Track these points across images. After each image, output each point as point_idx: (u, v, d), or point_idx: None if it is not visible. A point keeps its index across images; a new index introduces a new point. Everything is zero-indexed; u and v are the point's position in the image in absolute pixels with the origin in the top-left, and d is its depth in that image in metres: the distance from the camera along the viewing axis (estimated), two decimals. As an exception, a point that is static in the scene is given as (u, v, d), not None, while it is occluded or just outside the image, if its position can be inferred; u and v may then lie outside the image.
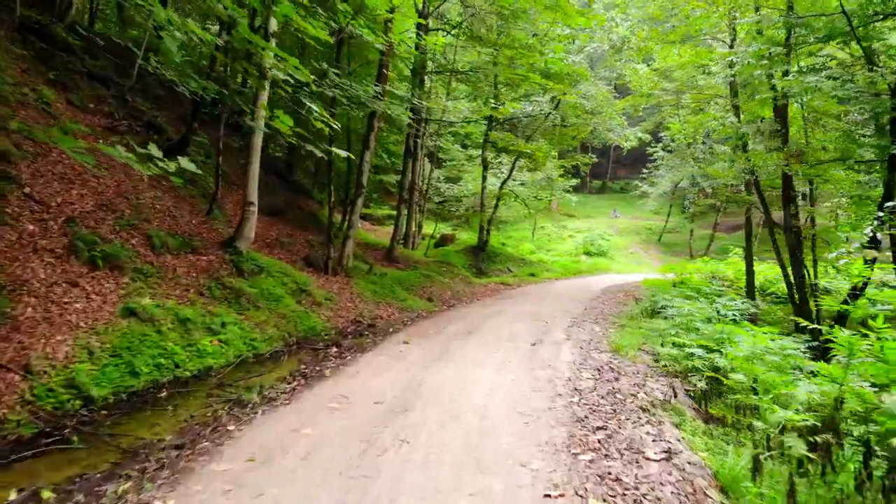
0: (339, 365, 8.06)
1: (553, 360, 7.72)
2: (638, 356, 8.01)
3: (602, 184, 55.00)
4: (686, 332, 7.09)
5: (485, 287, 19.36)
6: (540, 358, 7.95)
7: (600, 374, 6.92)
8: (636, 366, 7.49)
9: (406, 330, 11.09)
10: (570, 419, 5.40)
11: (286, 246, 16.33)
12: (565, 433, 5.05)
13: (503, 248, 27.75)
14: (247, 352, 9.51)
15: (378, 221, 32.28)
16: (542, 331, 10.40)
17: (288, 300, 12.03)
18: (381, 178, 34.48)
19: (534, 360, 7.85)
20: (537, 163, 25.78)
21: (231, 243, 12.25)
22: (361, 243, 21.43)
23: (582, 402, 5.87)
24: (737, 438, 5.33)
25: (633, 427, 5.20)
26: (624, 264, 31.25)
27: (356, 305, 13.85)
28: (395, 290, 15.51)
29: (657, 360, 7.78)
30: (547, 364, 7.51)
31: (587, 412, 5.57)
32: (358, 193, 16.35)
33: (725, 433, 5.50)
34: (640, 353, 8.32)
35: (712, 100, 22.26)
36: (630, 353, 8.11)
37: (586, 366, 7.36)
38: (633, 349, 8.40)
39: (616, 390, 6.27)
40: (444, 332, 10.53)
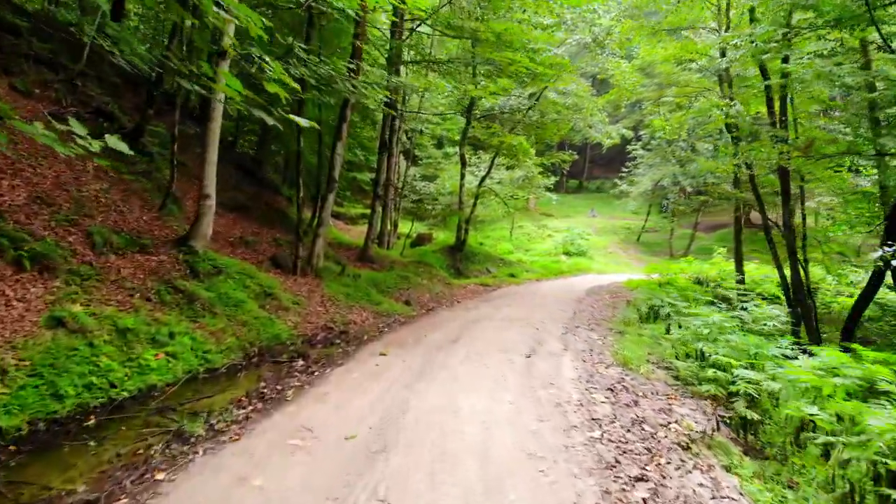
0: (305, 383, 6.88)
1: (555, 377, 6.65)
2: (651, 371, 6.98)
3: (578, 183, 54.36)
4: (712, 345, 6.05)
5: (464, 288, 18.26)
6: (539, 374, 6.87)
7: (615, 396, 5.87)
8: (652, 384, 6.47)
9: (382, 338, 9.92)
10: (596, 464, 4.30)
11: (251, 245, 15.06)
12: (597, 489, 3.92)
13: (481, 248, 26.70)
14: (198, 366, 8.27)
15: (351, 220, 31.01)
16: (534, 339, 9.34)
17: (250, 305, 10.79)
18: (354, 175, 33.16)
19: (532, 376, 6.77)
20: (517, 159, 24.78)
21: (185, 241, 10.96)
22: (334, 243, 20.18)
23: (605, 436, 4.78)
24: (791, 478, 4.29)
25: (679, 475, 4.13)
26: (604, 264, 30.42)
27: (327, 310, 12.64)
28: (370, 293, 14.33)
29: (676, 376, 6.75)
30: (549, 382, 6.43)
31: (616, 453, 4.48)
32: (330, 188, 15.13)
33: (776, 472, 4.46)
34: (651, 366, 7.30)
35: (699, 94, 21.45)
36: (642, 368, 7.08)
37: (595, 384, 6.31)
38: (642, 362, 7.38)
39: (641, 419, 5.22)
40: (426, 340, 9.40)
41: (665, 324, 10.50)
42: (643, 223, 39.37)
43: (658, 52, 20.42)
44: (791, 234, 13.14)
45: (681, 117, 22.44)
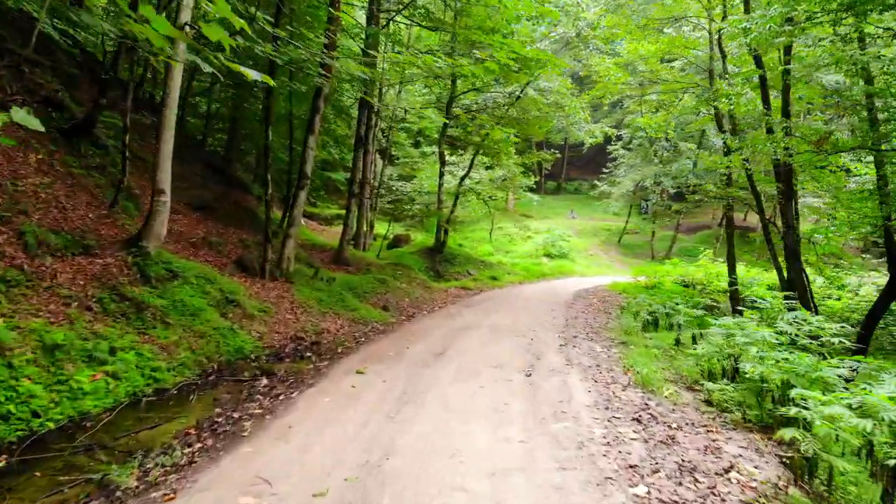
0: (267, 411, 5.76)
1: (566, 403, 5.62)
2: (676, 394, 6.00)
3: (557, 184, 53.67)
4: (759, 364, 5.09)
5: (445, 292, 17.21)
6: (546, 398, 5.84)
7: (645, 430, 4.86)
8: (682, 411, 5.48)
9: (359, 351, 8.82)
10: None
11: (215, 246, 13.87)
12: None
13: (461, 250, 25.69)
14: (144, 387, 7.11)
15: (326, 221, 29.77)
16: (530, 352, 8.33)
17: (209, 314, 9.63)
18: (328, 174, 31.96)
19: (538, 401, 5.74)
20: (497, 158, 23.80)
21: (136, 242, 9.75)
22: (306, 244, 19.01)
23: (653, 494, 3.70)
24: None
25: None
26: (586, 267, 29.61)
27: (297, 318, 11.51)
28: (345, 298, 13.21)
29: (707, 400, 5.77)
30: (560, 410, 5.40)
31: (676, 524, 3.46)
32: (301, 184, 13.97)
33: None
34: (673, 386, 6.31)
35: (685, 90, 20.67)
36: (664, 390, 6.10)
37: (616, 413, 5.30)
38: (662, 381, 6.40)
39: (690, 465, 4.20)
40: (408, 354, 8.33)
41: (674, 333, 9.59)
42: (624, 225, 38.70)
43: (644, 46, 19.57)
44: (794, 234, 12.33)
45: (666, 115, 21.64)
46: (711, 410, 5.45)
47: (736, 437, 4.76)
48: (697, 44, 19.10)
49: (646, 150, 35.68)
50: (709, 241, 36.96)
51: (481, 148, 23.05)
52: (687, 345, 8.49)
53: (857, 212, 14.45)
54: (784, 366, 4.76)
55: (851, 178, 16.22)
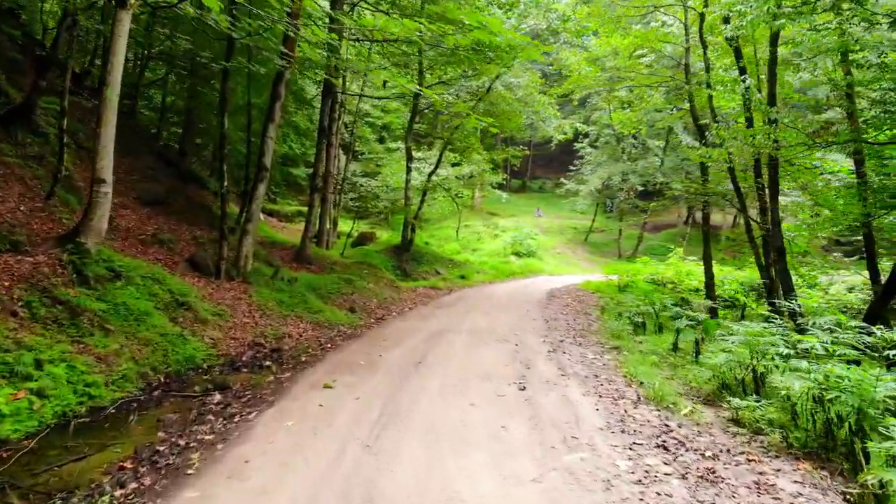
0: (220, 438, 4.85)
1: (575, 426, 4.80)
2: (694, 411, 5.25)
3: (522, 183, 53.24)
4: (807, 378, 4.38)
5: (414, 292, 16.38)
6: (549, 418, 5.03)
7: (676, 460, 4.10)
8: (709, 433, 4.72)
9: (326, 359, 7.91)
10: None
11: (166, 243, 12.81)
12: None
13: (428, 248, 24.88)
14: (77, 405, 6.12)
15: (287, 218, 28.60)
16: (517, 359, 7.57)
17: (157, 318, 8.63)
18: (289, 170, 30.77)
19: (542, 423, 4.91)
20: (467, 153, 23.05)
21: (73, 238, 8.67)
22: (266, 242, 17.95)
23: None
24: None
25: None
26: (555, 265, 29.11)
27: (256, 321, 10.55)
28: (308, 299, 12.27)
29: (733, 419, 5.05)
30: (570, 434, 4.59)
31: None
32: (259, 177, 12.98)
33: None
34: (688, 402, 5.58)
35: (660, 85, 20.24)
36: (681, 407, 5.37)
37: (636, 437, 4.50)
38: (674, 395, 5.68)
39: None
40: (383, 363, 7.47)
41: (666, 336, 8.95)
42: (590, 223, 38.40)
43: (616, 40, 19.02)
44: (778, 232, 11.86)
45: (638, 111, 21.21)
46: (742, 432, 4.74)
47: (785, 469, 4.04)
48: (670, 38, 18.67)
49: (613, 148, 35.40)
50: (674, 239, 36.88)
51: (450, 143, 22.27)
52: (686, 350, 7.86)
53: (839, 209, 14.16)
54: (838, 382, 4.09)
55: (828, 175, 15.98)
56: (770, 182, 11.99)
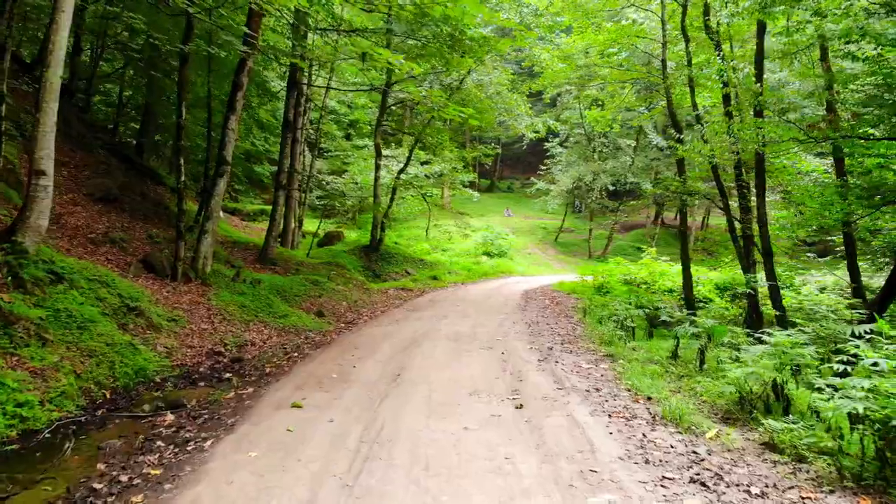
0: (168, 475, 4.06)
1: (590, 456, 4.05)
2: (722, 433, 4.59)
3: (490, 183, 52.83)
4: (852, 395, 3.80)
5: (385, 294, 15.65)
6: (558, 446, 4.28)
7: (718, 498, 3.41)
8: (748, 463, 3.98)
9: (293, 371, 7.13)
10: None
11: (119, 243, 11.90)
12: None
13: (398, 248, 24.12)
14: (6, 429, 5.29)
15: (249, 217, 27.54)
16: (507, 370, 6.90)
17: (104, 325, 7.77)
18: (253, 167, 29.68)
19: (550, 452, 4.16)
20: (438, 149, 22.40)
21: (8, 237, 7.75)
22: (227, 241, 17.02)
23: None
24: None
25: None
26: (526, 265, 28.64)
27: (215, 327, 9.72)
28: (273, 303, 11.46)
29: (769, 443, 4.42)
30: (587, 468, 3.80)
31: None
32: (220, 171, 12.12)
33: None
34: (713, 423, 4.93)
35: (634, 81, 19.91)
36: (705, 428, 4.71)
37: (663, 468, 3.79)
38: (691, 413, 5.04)
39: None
40: (356, 376, 6.73)
41: (660, 342, 8.42)
42: (560, 223, 38.10)
43: (590, 36, 18.54)
44: (766, 232, 11.50)
45: (613, 108, 20.81)
46: (782, 460, 4.09)
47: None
48: (644, 32, 18.25)
49: (583, 148, 35.12)
50: (643, 239, 36.84)
51: (421, 139, 21.59)
52: (687, 359, 7.30)
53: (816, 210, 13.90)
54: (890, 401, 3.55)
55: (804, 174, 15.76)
56: (757, 179, 11.63)
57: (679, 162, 16.64)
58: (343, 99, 30.45)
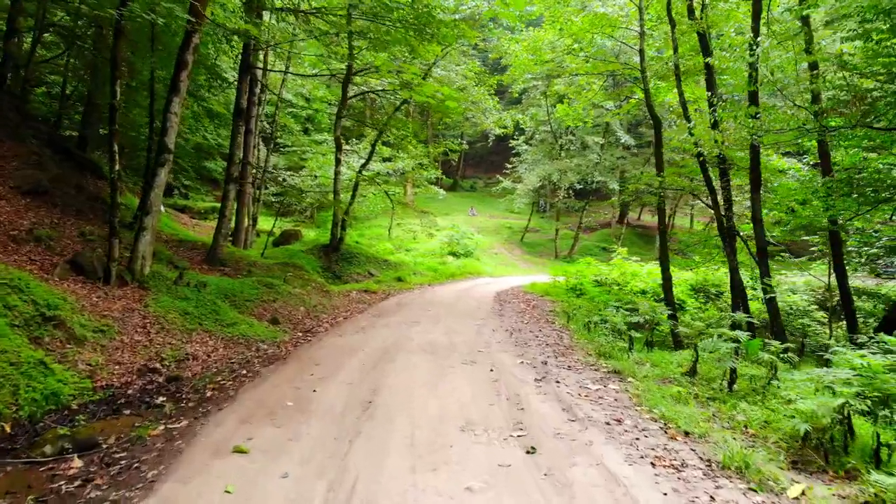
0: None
1: None
2: (810, 490, 3.55)
3: (453, 182, 51.80)
4: None
5: (347, 297, 14.39)
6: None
7: None
8: None
9: (239, 396, 5.86)
10: None
11: (45, 241, 10.46)
12: None
13: (359, 247, 22.81)
14: None
15: (200, 215, 25.85)
16: (501, 392, 5.74)
17: (10, 340, 6.42)
18: (204, 163, 27.95)
19: None
20: (404, 142, 21.22)
21: None
22: (173, 240, 15.52)
23: None
24: None
25: None
26: (494, 266, 27.64)
27: (151, 339, 8.37)
28: (220, 309, 10.12)
29: (870, 502, 3.42)
30: None
31: None
32: (161, 161, 10.72)
33: None
34: (784, 472, 3.87)
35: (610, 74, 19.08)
36: (782, 483, 3.62)
37: None
38: (752, 457, 3.95)
39: None
40: (317, 404, 5.48)
41: (664, 355, 7.42)
42: (526, 223, 37.26)
43: (563, 25, 17.58)
44: (761, 229, 10.69)
45: (584, 102, 19.92)
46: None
47: None
48: (620, 21, 17.38)
49: (550, 146, 34.33)
50: (609, 239, 36.35)
51: (385, 131, 20.37)
52: (706, 375, 6.28)
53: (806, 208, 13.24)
54: None
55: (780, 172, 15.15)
56: (752, 174, 10.81)
57: (657, 156, 15.87)
58: (301, 91, 29.00)
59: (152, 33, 13.41)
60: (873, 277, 19.10)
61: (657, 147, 15.88)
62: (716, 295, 20.26)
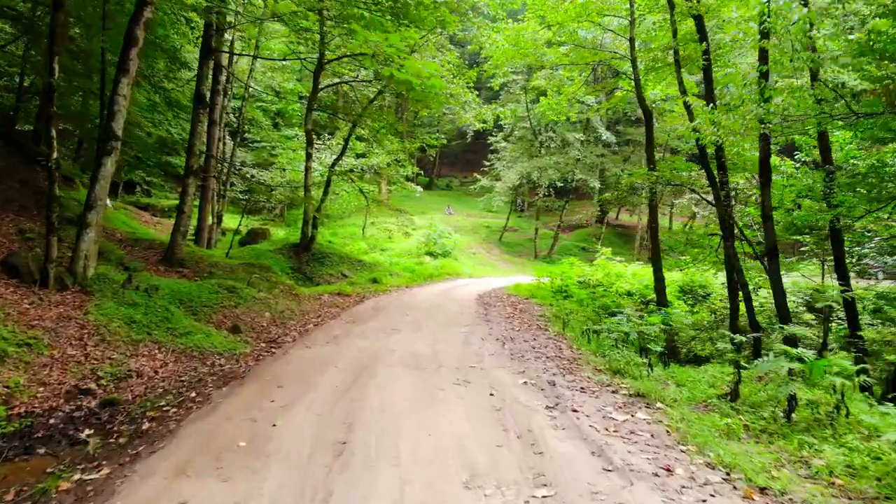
0: None
1: None
2: None
3: (429, 180, 50.74)
4: None
5: (318, 300, 13.24)
6: None
7: None
8: None
9: (181, 434, 4.68)
10: None
11: (-26, 239, 9.21)
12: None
13: (332, 247, 21.60)
14: None
15: (163, 213, 24.38)
16: (508, 426, 4.60)
17: None
18: (168, 159, 26.42)
19: None
20: (380, 134, 20.10)
21: None
22: (129, 239, 14.24)
23: None
24: None
25: None
26: (472, 266, 26.61)
27: (88, 353, 7.17)
28: (174, 316, 8.92)
29: None
30: None
31: None
32: (107, 149, 9.50)
33: None
34: None
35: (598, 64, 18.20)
36: None
37: None
38: None
39: None
40: (279, 444, 4.32)
41: (691, 372, 6.45)
42: (504, 222, 36.32)
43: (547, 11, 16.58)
44: (771, 227, 9.83)
45: (568, 93, 18.98)
46: None
47: None
48: (607, 9, 16.42)
49: (529, 143, 33.42)
50: (588, 239, 35.67)
51: (359, 123, 19.23)
52: (751, 400, 5.25)
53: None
54: None
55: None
56: (761, 167, 9.95)
57: (649, 150, 15.05)
58: (271, 83, 27.65)
59: (104, 10, 12.13)
60: (860, 278, 18.53)
61: (648, 141, 15.07)
62: (703, 297, 19.52)
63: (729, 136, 8.85)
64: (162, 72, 15.76)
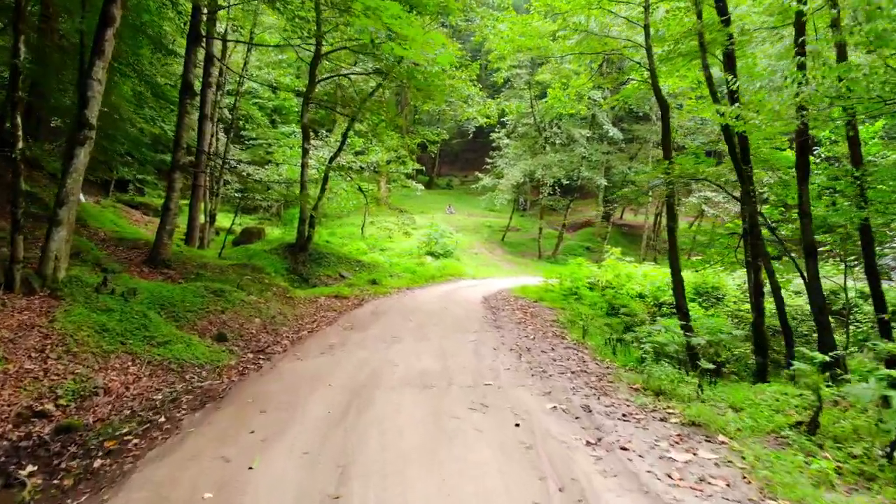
0: None
1: None
2: None
3: (429, 179, 49.87)
4: None
5: (314, 304, 12.36)
6: None
7: None
8: None
9: (132, 483, 3.74)
10: None
11: (-64, 239, 8.31)
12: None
13: (329, 247, 20.71)
14: None
15: (156, 213, 23.34)
16: (547, 476, 3.50)
17: None
18: (162, 157, 25.53)
19: None
20: (380, 128, 19.23)
21: None
22: (112, 238, 13.35)
23: None
24: None
25: None
26: (475, 267, 25.69)
27: (48, 367, 6.28)
28: (152, 323, 8.03)
29: None
30: None
31: None
32: (79, 138, 8.62)
33: None
34: None
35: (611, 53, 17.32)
36: None
37: None
38: None
39: None
40: (252, 500, 3.46)
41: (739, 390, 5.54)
42: (507, 222, 35.37)
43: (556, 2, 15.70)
44: (809, 224, 8.95)
45: (578, 85, 18.10)
46: None
47: None
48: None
49: (533, 140, 32.49)
50: (593, 239, 34.78)
51: (358, 117, 18.36)
52: (833, 430, 4.30)
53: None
54: None
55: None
56: (798, 160, 9.07)
57: (665, 143, 14.18)
58: (267, 78, 26.76)
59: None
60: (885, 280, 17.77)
61: (665, 134, 14.17)
62: (716, 299, 18.70)
63: (773, 121, 7.98)
64: (147, 59, 14.84)
